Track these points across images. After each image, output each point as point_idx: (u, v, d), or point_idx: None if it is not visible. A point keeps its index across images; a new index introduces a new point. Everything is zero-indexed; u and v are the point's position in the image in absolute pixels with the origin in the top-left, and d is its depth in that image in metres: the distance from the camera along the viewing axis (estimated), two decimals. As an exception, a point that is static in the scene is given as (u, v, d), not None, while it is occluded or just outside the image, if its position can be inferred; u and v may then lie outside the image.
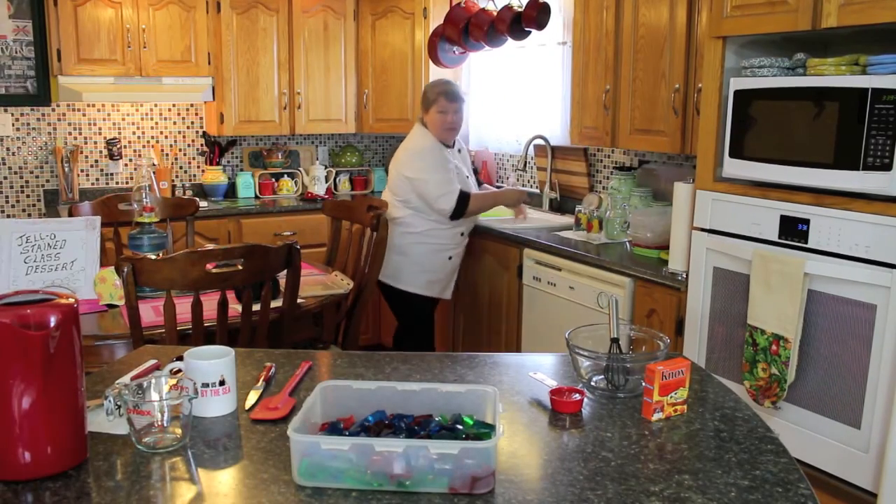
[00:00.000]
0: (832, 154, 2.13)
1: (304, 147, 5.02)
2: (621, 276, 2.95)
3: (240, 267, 2.28)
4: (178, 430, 1.38)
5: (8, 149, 4.25)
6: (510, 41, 4.08)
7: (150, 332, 2.26)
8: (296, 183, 4.85)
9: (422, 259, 3.47)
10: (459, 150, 3.59)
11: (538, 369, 1.77)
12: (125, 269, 2.14)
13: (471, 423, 1.36)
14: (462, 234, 3.55)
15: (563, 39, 3.96)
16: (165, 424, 1.37)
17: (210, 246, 3.46)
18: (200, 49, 4.32)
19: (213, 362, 1.50)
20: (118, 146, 4.47)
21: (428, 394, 1.42)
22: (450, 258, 3.52)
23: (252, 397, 1.58)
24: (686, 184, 2.72)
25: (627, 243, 3.25)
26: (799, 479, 1.27)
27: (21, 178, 4.30)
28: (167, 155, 4.64)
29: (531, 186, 4.38)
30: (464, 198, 3.36)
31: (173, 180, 4.63)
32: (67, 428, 1.27)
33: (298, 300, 2.50)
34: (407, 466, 1.20)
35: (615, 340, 1.74)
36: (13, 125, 4.24)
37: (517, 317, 3.57)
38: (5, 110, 4.20)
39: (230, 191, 4.71)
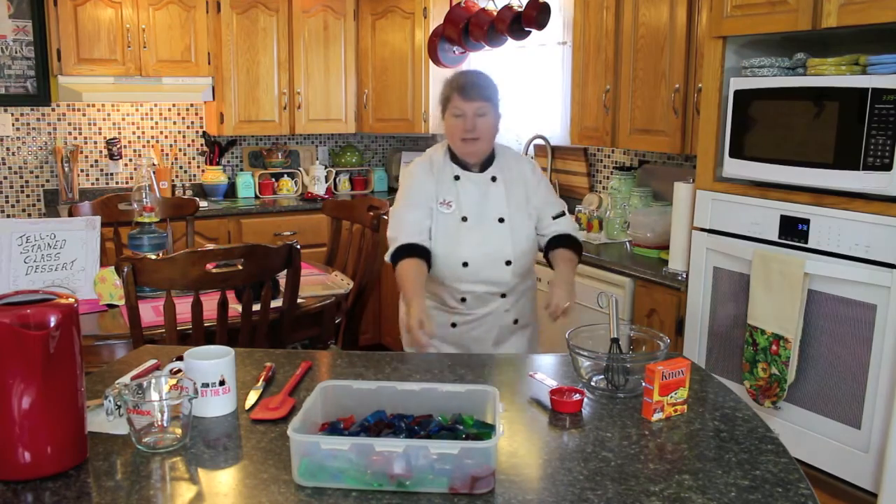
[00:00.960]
0: (832, 154, 2.13)
1: (304, 147, 5.02)
2: (621, 276, 2.95)
3: (240, 267, 2.28)
4: (178, 430, 1.38)
5: (8, 149, 4.25)
6: (510, 41, 4.08)
7: (150, 332, 2.26)
8: (296, 183, 4.85)
9: None
10: (494, 178, 2.32)
11: (538, 369, 1.77)
12: (125, 269, 2.14)
13: (471, 423, 1.36)
14: (463, 301, 2.33)
15: (563, 39, 3.96)
16: (165, 424, 1.37)
17: (210, 246, 3.46)
18: (200, 49, 4.32)
19: (213, 362, 1.50)
20: (118, 146, 4.47)
21: (428, 394, 1.42)
22: (454, 325, 2.37)
23: (252, 397, 1.59)
24: (686, 184, 2.72)
25: (627, 243, 3.25)
26: (799, 479, 1.27)
27: (21, 178, 4.30)
28: (167, 155, 4.64)
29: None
30: (397, 255, 2.27)
31: (173, 180, 4.63)
32: (67, 428, 1.27)
33: (298, 300, 2.50)
34: (407, 466, 1.20)
35: (615, 340, 1.75)
36: (13, 125, 4.24)
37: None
38: (5, 110, 4.20)
39: (230, 191, 4.71)
